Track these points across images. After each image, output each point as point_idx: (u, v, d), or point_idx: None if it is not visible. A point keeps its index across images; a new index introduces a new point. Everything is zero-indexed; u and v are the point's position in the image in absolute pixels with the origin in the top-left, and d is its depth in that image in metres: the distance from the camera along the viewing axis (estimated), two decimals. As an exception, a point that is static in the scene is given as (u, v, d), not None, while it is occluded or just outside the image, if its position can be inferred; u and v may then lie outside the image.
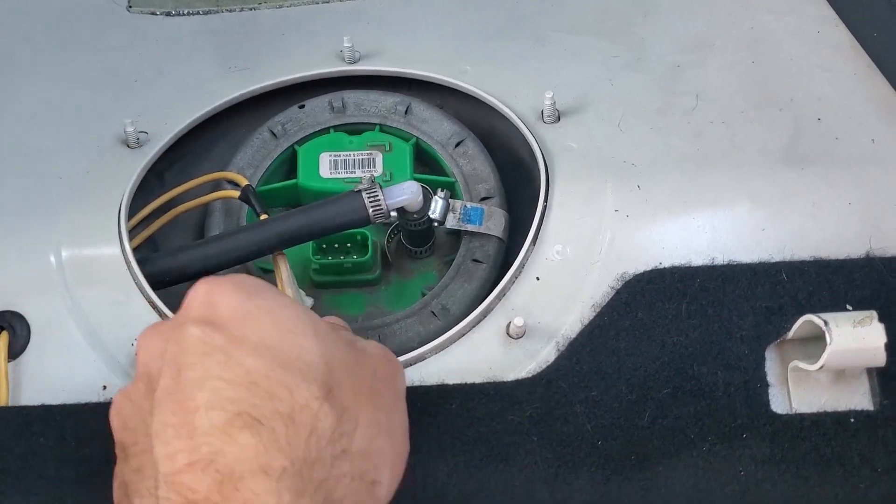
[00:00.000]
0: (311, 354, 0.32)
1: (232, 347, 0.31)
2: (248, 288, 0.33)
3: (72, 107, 0.53)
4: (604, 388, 0.42)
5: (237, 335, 0.32)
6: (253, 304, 0.33)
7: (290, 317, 0.33)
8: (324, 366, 0.32)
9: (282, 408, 0.30)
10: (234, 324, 0.32)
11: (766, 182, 0.46)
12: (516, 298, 0.45)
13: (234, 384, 0.30)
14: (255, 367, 0.31)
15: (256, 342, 0.32)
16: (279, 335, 0.32)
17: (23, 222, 0.47)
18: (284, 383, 0.31)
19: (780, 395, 0.42)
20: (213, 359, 0.31)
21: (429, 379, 0.43)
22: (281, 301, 0.34)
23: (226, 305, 0.33)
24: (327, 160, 0.52)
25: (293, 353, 0.32)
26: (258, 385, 0.30)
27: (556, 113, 0.51)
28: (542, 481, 0.41)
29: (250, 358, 0.31)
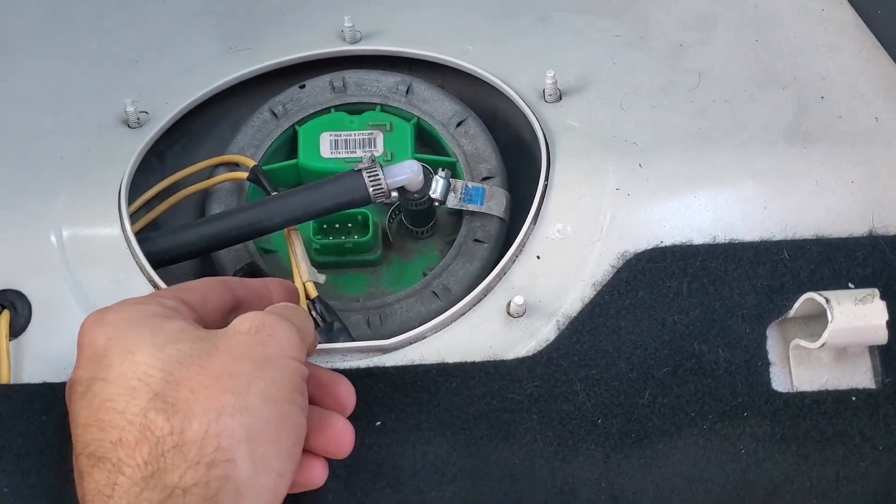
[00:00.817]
0: (145, 368, 0.34)
1: (89, 388, 0.35)
2: (111, 322, 0.36)
3: (72, 87, 0.53)
4: (604, 366, 0.42)
5: (95, 373, 0.35)
6: (108, 336, 0.35)
7: (133, 338, 0.35)
8: (157, 373, 0.34)
9: (114, 436, 0.33)
10: (95, 360, 0.35)
11: (768, 160, 0.46)
12: (517, 277, 0.45)
13: (89, 427, 0.34)
14: (99, 403, 0.34)
15: (104, 377, 0.34)
16: (121, 361, 0.34)
17: (24, 202, 0.47)
18: (119, 410, 0.33)
19: (782, 374, 0.42)
20: (75, 405, 0.35)
21: (429, 357, 0.43)
22: (137, 323, 0.36)
23: (89, 347, 0.36)
24: (328, 140, 0.52)
25: (128, 374, 0.34)
26: (102, 420, 0.34)
27: (558, 92, 0.50)
28: (542, 458, 0.41)
29: (97, 397, 0.34)
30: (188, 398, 0.33)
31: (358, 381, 0.42)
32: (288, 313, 0.38)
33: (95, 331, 0.36)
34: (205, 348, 0.35)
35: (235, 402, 0.33)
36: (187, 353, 0.34)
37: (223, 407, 0.33)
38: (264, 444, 0.34)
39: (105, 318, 0.36)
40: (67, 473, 0.40)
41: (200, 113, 0.54)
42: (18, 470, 0.40)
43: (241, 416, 0.33)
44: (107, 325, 0.36)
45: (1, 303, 0.44)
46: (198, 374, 0.34)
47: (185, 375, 0.34)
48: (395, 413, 0.42)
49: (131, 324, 0.36)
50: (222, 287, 0.40)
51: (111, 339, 0.35)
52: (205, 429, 0.33)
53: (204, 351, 0.35)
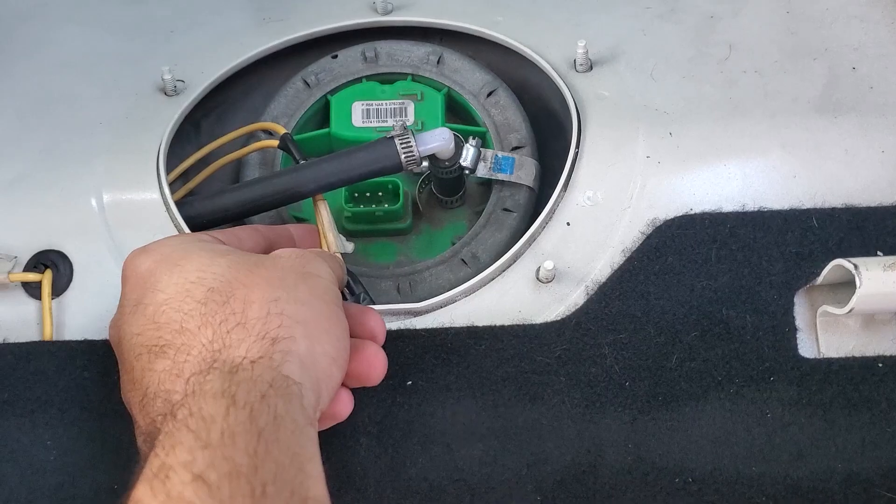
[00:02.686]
0: (195, 272, 0.36)
1: (139, 304, 0.37)
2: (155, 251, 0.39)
3: (110, 55, 0.54)
4: (632, 330, 0.42)
5: (144, 291, 0.37)
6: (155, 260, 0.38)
7: (180, 254, 0.38)
8: (211, 275, 0.36)
9: (175, 326, 0.35)
10: (142, 282, 0.38)
11: (798, 130, 0.46)
12: (546, 243, 0.45)
13: (146, 333, 0.36)
14: (152, 310, 0.36)
15: (154, 287, 0.37)
16: (170, 273, 0.37)
17: (65, 166, 0.48)
18: (175, 309, 0.35)
19: (809, 340, 0.42)
20: (128, 322, 0.37)
21: (459, 321, 0.44)
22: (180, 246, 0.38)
23: (133, 274, 0.38)
24: (360, 109, 0.53)
25: (179, 281, 0.36)
26: (157, 322, 0.36)
27: (589, 62, 0.51)
28: (570, 419, 0.41)
29: (150, 306, 0.36)
30: (244, 291, 0.35)
31: (389, 343, 0.43)
32: (321, 254, 0.41)
33: (139, 260, 0.38)
34: (252, 260, 0.37)
35: (288, 295, 0.36)
36: (236, 262, 0.37)
37: (278, 296, 0.35)
38: (317, 329, 0.36)
39: (148, 248, 0.39)
40: (108, 427, 0.42)
41: (234, 82, 0.54)
42: (61, 424, 0.42)
43: (295, 304, 0.35)
44: (150, 253, 0.38)
45: (44, 262, 0.45)
46: (249, 276, 0.36)
47: (237, 276, 0.36)
48: (426, 374, 0.42)
49: (175, 248, 0.38)
50: (253, 231, 0.43)
51: (157, 262, 0.37)
52: (265, 310, 0.35)
53: (252, 262, 0.37)
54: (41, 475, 0.41)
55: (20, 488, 0.41)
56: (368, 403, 0.41)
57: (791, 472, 0.40)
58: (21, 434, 0.41)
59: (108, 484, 0.41)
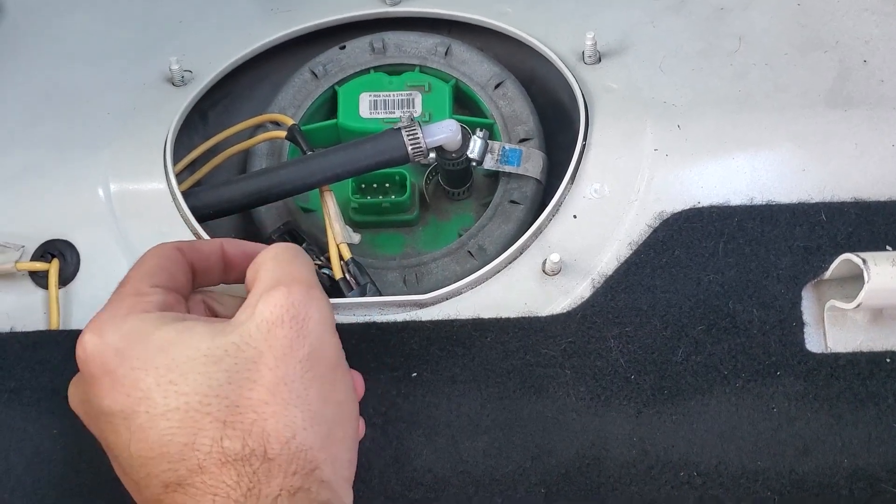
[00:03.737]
0: (195, 396, 0.33)
1: (132, 421, 0.34)
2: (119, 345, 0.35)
3: (118, 46, 0.54)
4: (638, 323, 0.42)
5: (132, 405, 0.34)
6: (129, 363, 0.34)
7: (167, 365, 0.34)
8: (214, 401, 0.33)
9: (192, 465, 0.33)
10: (119, 395, 0.34)
11: (808, 123, 0.46)
12: (553, 236, 0.45)
13: (151, 459, 0.34)
14: (156, 437, 0.33)
15: (147, 410, 0.34)
16: (160, 391, 0.34)
17: (72, 156, 0.48)
18: (185, 443, 0.33)
19: (816, 335, 0.42)
20: (121, 437, 0.34)
21: (464, 313, 0.44)
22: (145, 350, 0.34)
23: (106, 375, 0.35)
24: (367, 100, 0.53)
25: (181, 405, 0.33)
26: (168, 453, 0.33)
27: (598, 54, 0.50)
28: (575, 412, 0.41)
29: (150, 429, 0.33)
30: (255, 419, 0.33)
31: (395, 334, 0.43)
32: (303, 286, 0.36)
33: (107, 356, 0.35)
34: (248, 357, 0.34)
35: (303, 416, 0.34)
36: (234, 370, 0.34)
37: (294, 423, 0.34)
38: (336, 443, 0.35)
39: (109, 339, 0.35)
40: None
41: (242, 73, 0.54)
42: (67, 413, 0.42)
43: (312, 429, 0.34)
44: (116, 349, 0.35)
45: (51, 252, 0.45)
46: (252, 390, 0.34)
47: (242, 395, 0.33)
48: (431, 365, 0.42)
49: (147, 344, 0.34)
50: (180, 257, 0.38)
51: (138, 367, 0.34)
52: (286, 445, 0.33)
53: (249, 361, 0.34)
54: (47, 464, 0.41)
55: (26, 476, 0.41)
56: (373, 395, 0.41)
57: (797, 466, 0.40)
58: (27, 423, 0.42)
59: (113, 474, 0.41)
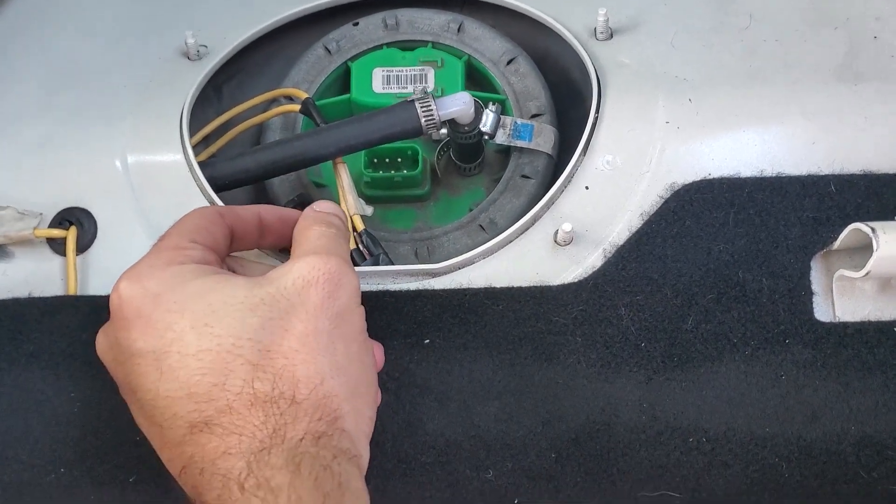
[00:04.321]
0: (229, 338, 0.34)
1: (162, 361, 0.35)
2: (156, 290, 0.36)
3: (135, 21, 0.54)
4: (649, 292, 0.43)
5: (164, 346, 0.35)
6: (166, 306, 0.35)
7: (203, 310, 0.35)
8: (246, 343, 0.34)
9: (221, 404, 0.34)
10: (152, 336, 0.35)
11: (818, 97, 0.46)
12: (565, 207, 0.46)
13: (179, 399, 0.34)
14: (186, 377, 0.34)
15: (181, 350, 0.35)
16: (194, 333, 0.35)
17: (90, 128, 0.49)
18: (214, 383, 0.34)
19: (825, 304, 0.42)
20: (150, 378, 0.35)
21: (476, 282, 0.45)
22: (184, 295, 0.35)
23: (139, 317, 0.35)
24: (380, 75, 0.53)
25: (213, 346, 0.34)
26: (196, 394, 0.34)
27: (609, 31, 0.51)
28: (585, 379, 0.42)
29: (181, 370, 0.34)
30: (286, 364, 0.34)
31: (408, 302, 0.44)
32: (335, 235, 0.39)
33: (143, 300, 0.35)
34: (282, 308, 0.35)
35: (330, 366, 0.35)
36: (267, 318, 0.35)
37: (322, 371, 0.35)
38: (359, 397, 0.36)
39: (147, 284, 0.36)
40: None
41: (256, 48, 0.55)
42: (85, 376, 0.43)
43: (339, 378, 0.35)
44: (153, 294, 0.36)
45: (69, 219, 0.46)
46: (284, 337, 0.35)
47: (273, 341, 0.35)
48: (443, 333, 0.43)
49: (184, 290, 0.35)
50: (220, 219, 0.40)
51: (173, 310, 0.35)
52: (314, 391, 0.35)
53: (282, 312, 0.35)
54: (65, 426, 0.42)
55: (44, 438, 0.42)
56: (387, 361, 0.42)
57: (804, 433, 0.41)
58: (45, 385, 0.42)
59: (131, 436, 0.41)
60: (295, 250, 0.39)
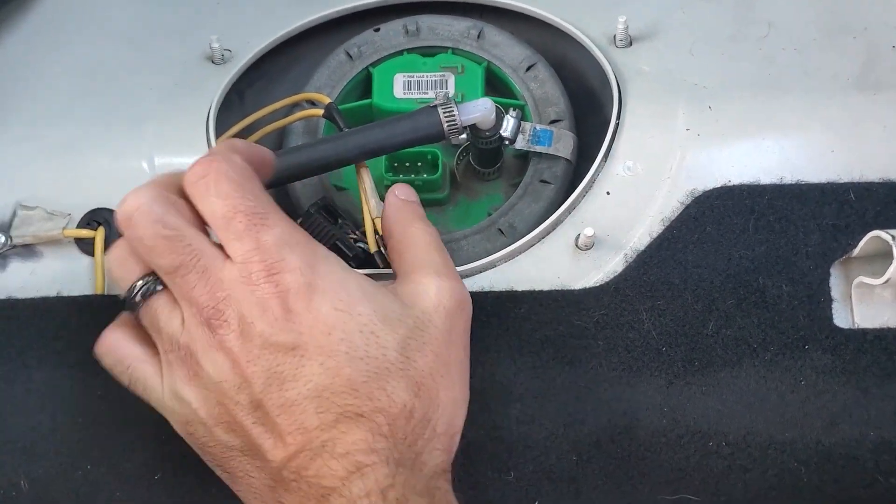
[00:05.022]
0: (393, 352, 0.37)
1: (327, 357, 0.36)
2: (316, 285, 0.37)
3: (160, 26, 0.55)
4: (670, 297, 0.43)
5: (328, 345, 0.36)
6: (329, 304, 0.36)
7: (363, 313, 0.37)
8: (405, 359, 0.37)
9: (381, 405, 0.36)
10: (319, 332, 0.36)
11: (837, 106, 0.47)
12: (586, 212, 0.46)
13: (340, 393, 0.35)
14: (352, 375, 0.36)
15: (347, 350, 0.36)
16: (362, 338, 0.36)
17: (117, 130, 0.50)
18: (380, 386, 0.36)
19: (844, 311, 0.43)
20: (311, 370, 0.35)
21: (498, 285, 0.45)
22: (347, 294, 0.37)
23: (306, 311, 0.36)
24: (401, 81, 0.54)
25: (379, 355, 0.36)
26: (358, 391, 0.36)
27: (629, 38, 0.51)
28: (607, 382, 0.42)
29: (347, 367, 0.36)
30: (434, 388, 0.37)
31: (430, 305, 0.44)
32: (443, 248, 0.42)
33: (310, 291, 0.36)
34: (431, 334, 0.38)
35: (461, 396, 0.38)
36: (422, 341, 0.37)
37: (456, 401, 0.38)
38: (459, 430, 0.39)
39: (311, 278, 0.37)
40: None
41: (279, 54, 0.56)
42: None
43: (461, 410, 0.38)
44: (321, 290, 0.37)
45: (97, 220, 0.47)
46: (432, 359, 0.37)
47: (425, 363, 0.37)
48: (465, 335, 0.43)
49: (346, 289, 0.37)
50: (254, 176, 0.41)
51: (338, 309, 0.36)
52: (450, 425, 0.37)
53: (432, 337, 0.38)
54: (92, 424, 0.43)
55: (72, 435, 0.43)
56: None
57: (823, 438, 0.41)
58: (73, 383, 0.43)
59: (157, 434, 0.42)
60: (405, 255, 0.41)
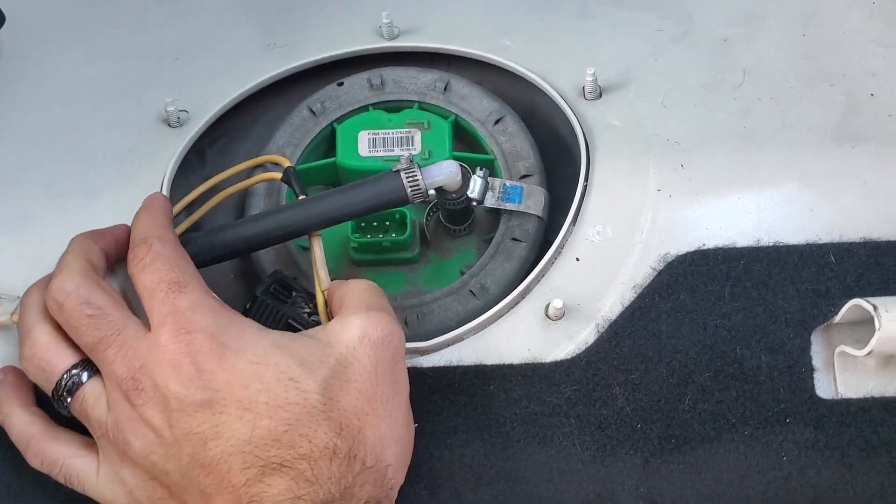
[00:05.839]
0: (315, 395, 0.36)
1: (245, 410, 0.36)
2: (228, 343, 0.37)
3: (114, 84, 0.53)
4: (644, 370, 0.41)
5: (246, 398, 0.36)
6: (244, 360, 0.37)
7: (279, 363, 0.37)
8: (327, 400, 0.36)
9: (303, 451, 0.35)
10: (237, 386, 0.36)
11: (815, 161, 0.45)
12: (556, 279, 0.45)
13: (261, 445, 0.35)
14: (272, 426, 0.35)
15: (267, 401, 0.36)
16: (281, 385, 0.36)
17: (69, 202, 0.48)
18: (301, 433, 0.36)
19: (826, 380, 0.41)
20: (231, 426, 0.36)
21: (466, 359, 0.43)
22: (261, 349, 0.37)
23: (220, 368, 0.36)
24: (366, 138, 0.52)
25: (300, 400, 0.36)
26: (280, 440, 0.35)
27: (598, 89, 0.50)
28: (580, 463, 0.41)
29: (267, 418, 0.36)
30: (359, 427, 0.36)
31: (395, 383, 0.42)
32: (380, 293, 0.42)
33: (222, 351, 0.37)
34: (354, 369, 0.37)
35: (391, 434, 0.38)
36: (344, 379, 0.37)
37: (385, 438, 0.37)
38: (404, 466, 0.39)
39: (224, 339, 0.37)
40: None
41: (240, 111, 0.54)
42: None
43: (394, 447, 0.38)
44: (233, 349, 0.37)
45: (48, 301, 0.45)
46: (356, 398, 0.37)
47: (348, 401, 0.37)
48: (433, 415, 0.42)
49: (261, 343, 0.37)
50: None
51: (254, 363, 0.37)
52: (379, 459, 0.37)
53: (346, 368, 0.37)
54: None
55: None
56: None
57: (808, 517, 0.40)
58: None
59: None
60: (343, 302, 0.40)
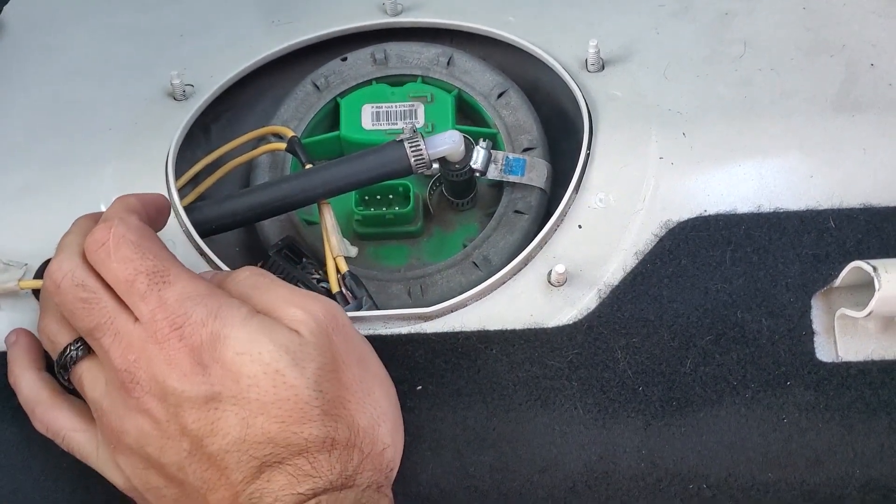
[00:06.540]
0: (304, 390, 0.36)
1: (240, 407, 0.36)
2: (219, 332, 0.36)
3: (119, 61, 0.54)
4: (645, 334, 0.42)
5: (239, 393, 0.36)
6: (231, 351, 0.36)
7: (271, 357, 0.36)
8: (316, 393, 0.36)
9: (299, 448, 0.35)
10: (229, 380, 0.36)
11: (815, 129, 0.45)
12: (558, 246, 0.45)
13: (256, 444, 0.35)
14: (266, 424, 0.35)
15: (258, 397, 0.36)
16: (268, 380, 0.36)
17: (74, 173, 0.48)
18: (295, 431, 0.36)
19: (826, 344, 0.41)
20: (226, 423, 0.35)
21: (469, 325, 0.44)
22: (248, 336, 0.36)
23: (213, 361, 0.36)
24: (369, 112, 0.53)
25: (290, 395, 0.36)
26: (274, 440, 0.35)
27: (601, 62, 0.50)
28: (582, 425, 0.41)
29: (261, 416, 0.35)
30: (348, 415, 0.37)
31: (399, 347, 0.43)
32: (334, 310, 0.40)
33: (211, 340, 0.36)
34: (323, 355, 0.37)
35: (376, 412, 0.38)
36: (320, 367, 0.37)
37: (374, 419, 0.37)
38: (399, 439, 0.39)
39: (214, 326, 0.36)
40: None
41: (244, 86, 0.54)
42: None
43: (385, 424, 0.38)
44: (224, 337, 0.36)
45: (54, 269, 0.45)
46: (339, 388, 0.37)
47: (334, 393, 0.37)
48: (436, 378, 0.42)
49: (244, 332, 0.36)
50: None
51: (240, 353, 0.36)
52: (374, 444, 0.37)
53: (326, 359, 0.37)
54: (54, 481, 0.42)
55: (34, 495, 0.41)
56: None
57: (808, 478, 0.40)
58: (33, 441, 0.42)
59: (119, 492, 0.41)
60: (278, 302, 0.38)
